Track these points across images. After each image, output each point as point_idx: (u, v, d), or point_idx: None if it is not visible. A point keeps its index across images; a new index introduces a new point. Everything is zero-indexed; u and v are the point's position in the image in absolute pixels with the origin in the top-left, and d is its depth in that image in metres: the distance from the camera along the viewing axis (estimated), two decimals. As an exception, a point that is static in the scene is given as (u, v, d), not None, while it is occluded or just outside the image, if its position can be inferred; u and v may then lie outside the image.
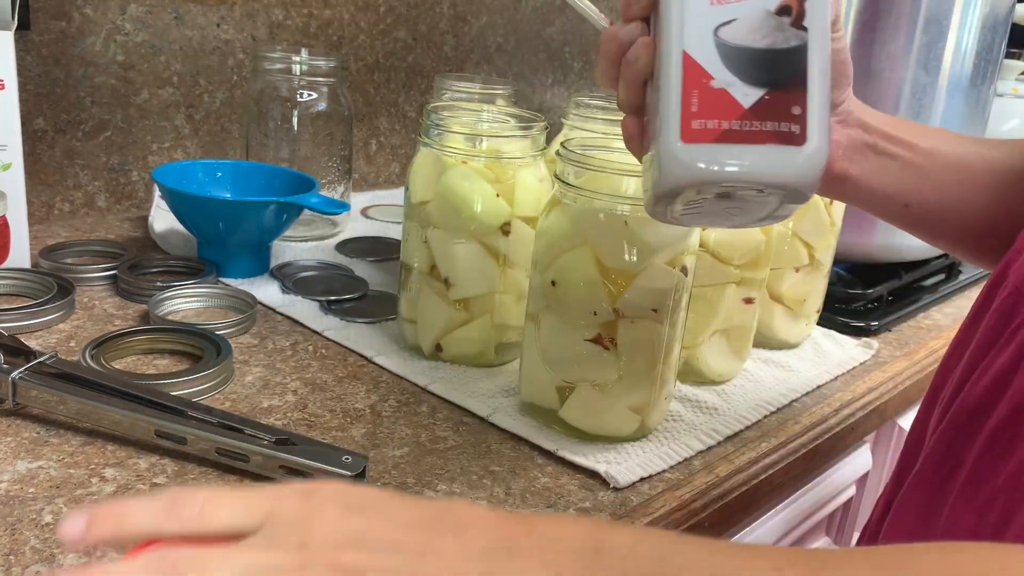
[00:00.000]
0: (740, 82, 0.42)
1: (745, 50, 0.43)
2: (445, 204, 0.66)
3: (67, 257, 0.83)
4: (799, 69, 0.42)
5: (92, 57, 0.95)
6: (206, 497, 0.34)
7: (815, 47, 0.42)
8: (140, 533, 0.35)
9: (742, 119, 0.42)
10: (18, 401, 0.56)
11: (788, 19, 0.42)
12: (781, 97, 0.42)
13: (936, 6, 0.92)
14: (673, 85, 0.43)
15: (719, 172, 0.43)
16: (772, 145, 0.42)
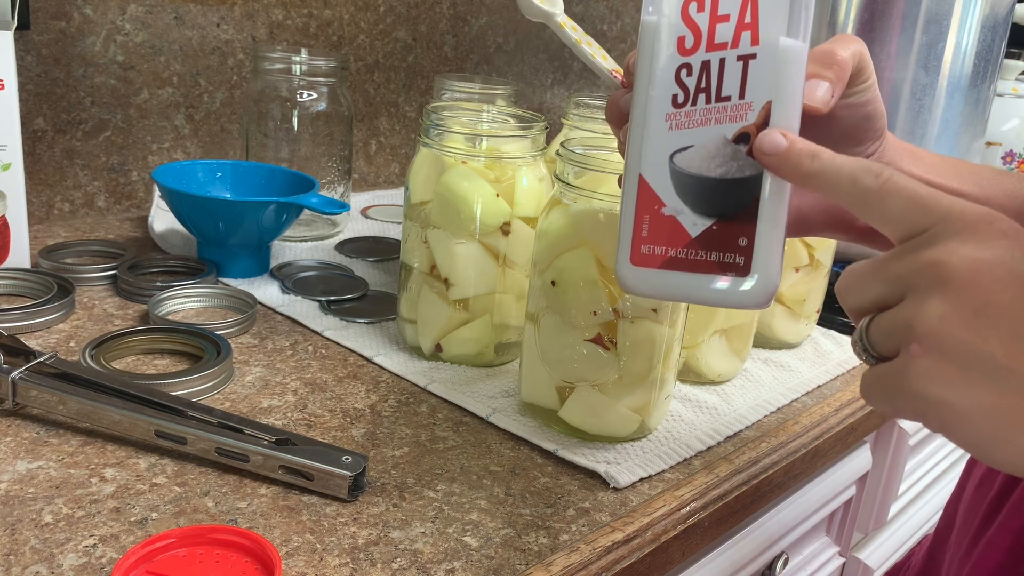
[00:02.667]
0: (689, 211, 0.42)
1: (697, 179, 0.42)
2: (445, 204, 0.66)
3: (67, 257, 0.83)
4: (751, 199, 0.41)
5: (92, 57, 0.95)
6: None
7: (773, 176, 0.40)
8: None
9: (688, 248, 0.42)
10: (18, 401, 0.56)
11: (745, 147, 0.40)
12: (729, 228, 0.41)
13: (936, 6, 0.92)
14: (627, 207, 0.44)
15: (662, 295, 0.44)
16: (714, 275, 0.42)
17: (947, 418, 0.33)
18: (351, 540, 0.48)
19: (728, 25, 0.39)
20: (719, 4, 0.39)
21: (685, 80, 0.40)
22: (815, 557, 0.86)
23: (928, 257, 0.34)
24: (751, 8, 0.39)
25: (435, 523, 0.50)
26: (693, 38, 0.40)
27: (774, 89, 0.39)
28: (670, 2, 0.40)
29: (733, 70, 0.39)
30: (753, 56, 0.39)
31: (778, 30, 0.39)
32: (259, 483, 0.52)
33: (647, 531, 0.53)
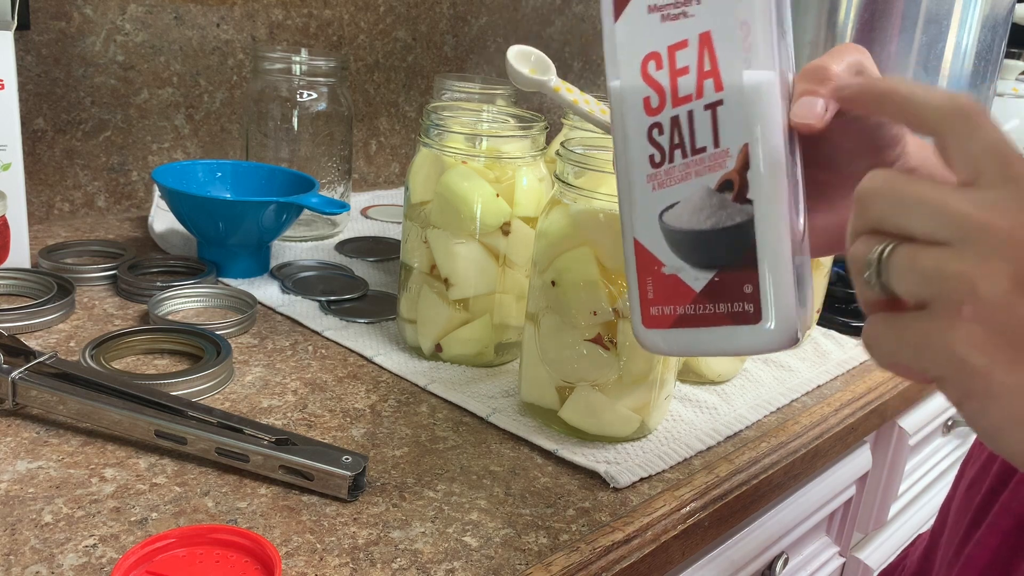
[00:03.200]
0: (689, 267, 0.41)
1: (689, 234, 0.41)
2: (445, 204, 0.66)
3: (67, 257, 0.83)
4: (748, 245, 0.40)
5: (92, 57, 0.95)
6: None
7: (765, 217, 0.39)
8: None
9: (695, 303, 0.42)
10: (18, 401, 0.56)
11: (731, 195, 0.40)
12: (732, 277, 0.40)
13: (936, 6, 0.92)
14: (630, 272, 0.43)
15: (685, 352, 0.43)
16: (728, 326, 0.41)
17: (977, 390, 0.31)
18: (351, 540, 0.48)
19: (689, 77, 0.38)
20: (676, 58, 0.38)
21: (658, 139, 0.39)
22: (815, 557, 0.86)
23: (997, 218, 0.31)
24: (708, 55, 0.38)
25: (435, 523, 0.50)
26: (657, 97, 0.39)
27: (747, 131, 0.38)
28: (628, 65, 0.39)
29: (703, 120, 0.39)
30: (720, 103, 0.38)
31: (739, 70, 0.38)
32: (259, 483, 0.52)
33: (647, 531, 0.53)
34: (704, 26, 0.38)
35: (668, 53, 0.38)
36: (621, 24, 0.39)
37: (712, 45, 0.38)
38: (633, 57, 0.39)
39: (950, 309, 0.31)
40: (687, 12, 0.38)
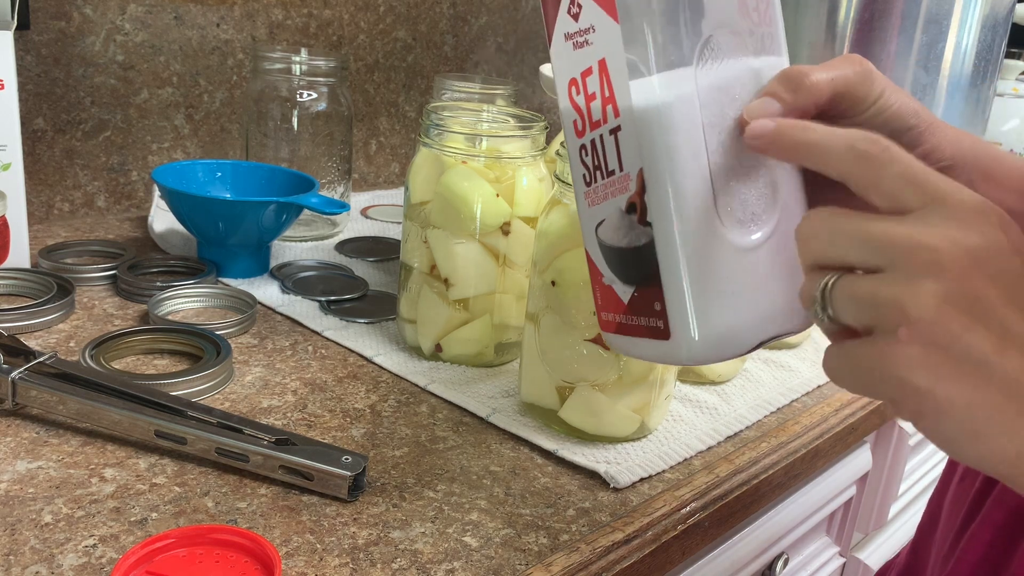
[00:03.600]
0: (618, 280, 0.43)
1: (611, 249, 0.43)
2: (445, 204, 0.66)
3: (67, 257, 0.83)
4: (652, 265, 0.41)
5: (92, 57, 0.95)
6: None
7: (663, 240, 0.40)
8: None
9: (625, 314, 0.43)
10: (18, 401, 0.56)
11: (635, 217, 0.40)
12: (645, 293, 0.42)
13: (936, 6, 0.92)
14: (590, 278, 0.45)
15: (631, 356, 0.45)
16: (648, 339, 0.42)
17: (926, 408, 0.32)
18: (351, 540, 0.48)
19: (597, 103, 0.39)
20: (587, 83, 0.39)
21: (585, 160, 0.41)
22: (815, 557, 0.86)
23: (922, 238, 0.32)
24: (606, 82, 0.39)
25: (435, 523, 0.50)
26: (581, 120, 0.40)
27: (641, 156, 0.39)
28: (561, 89, 0.40)
29: (610, 145, 0.39)
30: (619, 128, 0.39)
31: (628, 95, 0.38)
32: (259, 483, 0.52)
33: (647, 531, 0.53)
34: (600, 53, 0.38)
35: (581, 79, 0.39)
36: (552, 49, 0.40)
37: (607, 71, 0.38)
38: (562, 81, 0.40)
39: (889, 333, 0.32)
40: (588, 40, 0.39)
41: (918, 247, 0.32)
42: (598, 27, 0.38)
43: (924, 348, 0.32)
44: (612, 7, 0.37)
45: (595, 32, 0.38)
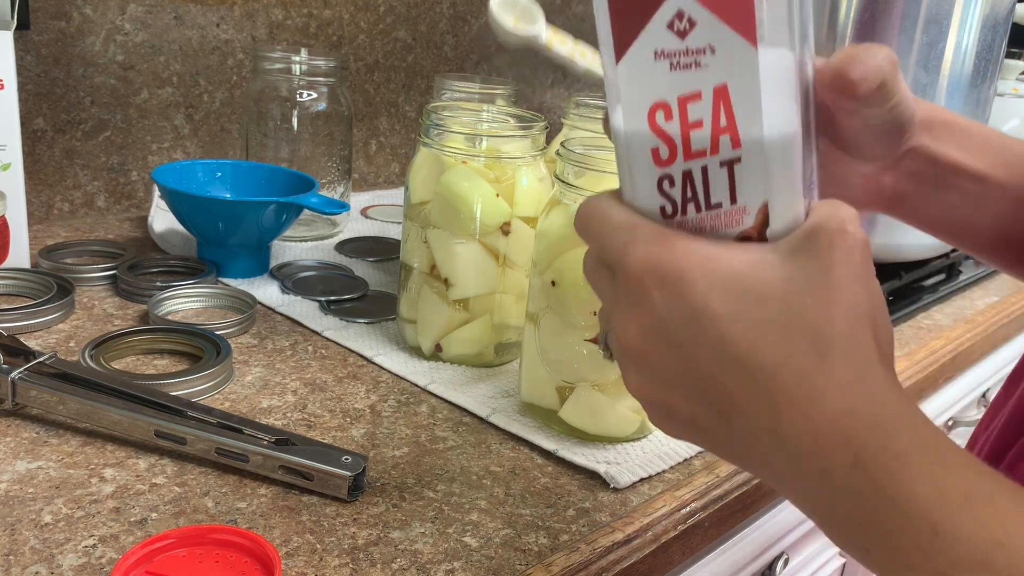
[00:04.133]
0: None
1: None
2: (445, 204, 0.66)
3: (67, 257, 0.83)
4: None
5: (92, 57, 0.95)
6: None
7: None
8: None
9: None
10: (18, 401, 0.56)
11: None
12: None
13: (936, 6, 0.91)
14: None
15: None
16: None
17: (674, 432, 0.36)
18: (351, 540, 0.48)
19: (702, 131, 0.35)
20: (688, 110, 0.35)
21: (669, 191, 0.36)
22: (815, 557, 0.86)
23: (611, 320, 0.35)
24: (724, 110, 0.34)
25: (435, 523, 0.50)
26: (667, 149, 0.35)
27: (767, 188, 0.35)
28: (633, 111, 0.35)
29: (718, 177, 0.35)
30: (737, 160, 0.35)
31: (759, 127, 0.34)
32: (259, 483, 0.52)
33: (647, 531, 0.53)
34: (719, 79, 0.34)
35: (679, 104, 0.35)
36: (623, 66, 0.35)
37: (729, 99, 0.34)
38: (639, 103, 0.35)
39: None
40: (699, 62, 0.34)
41: (615, 330, 0.35)
42: (721, 49, 0.34)
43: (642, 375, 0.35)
44: (751, 29, 0.33)
45: (714, 54, 0.34)
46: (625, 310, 0.34)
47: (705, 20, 0.33)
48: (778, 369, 0.31)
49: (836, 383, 0.30)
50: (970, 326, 0.95)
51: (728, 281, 0.32)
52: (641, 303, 0.33)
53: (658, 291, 0.33)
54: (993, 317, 1.00)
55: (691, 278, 0.32)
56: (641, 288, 0.33)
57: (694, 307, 0.32)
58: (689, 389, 0.33)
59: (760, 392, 0.31)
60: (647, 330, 0.33)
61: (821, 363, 0.30)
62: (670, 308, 0.33)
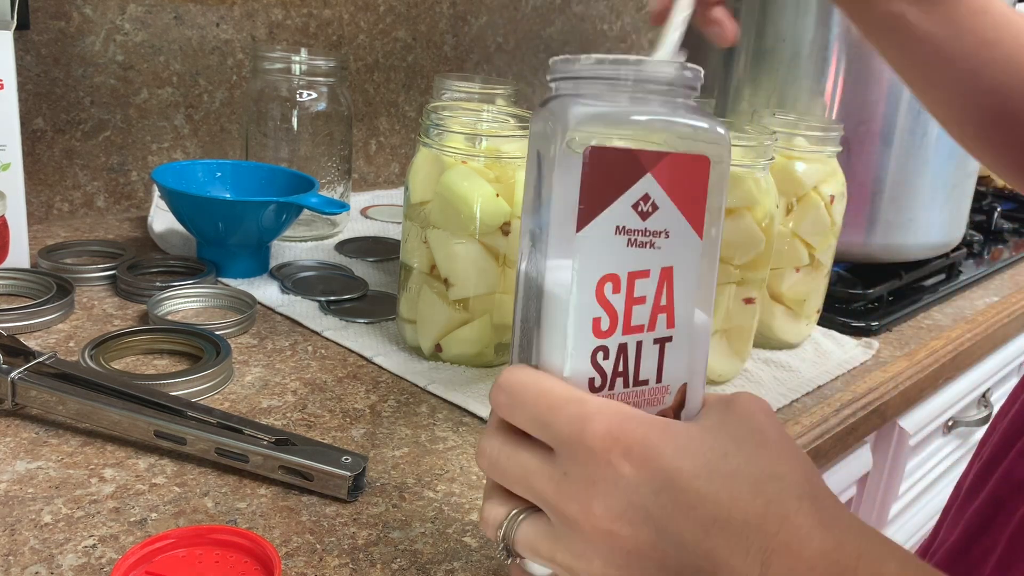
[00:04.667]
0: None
1: None
2: (445, 204, 0.66)
3: (66, 257, 0.83)
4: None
5: (91, 57, 0.94)
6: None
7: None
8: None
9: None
10: (17, 401, 0.56)
11: None
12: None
13: (936, 6, 0.91)
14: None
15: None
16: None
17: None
18: (351, 540, 0.48)
19: (644, 307, 0.37)
20: (635, 286, 0.36)
21: (602, 363, 0.37)
22: None
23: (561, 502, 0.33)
24: (667, 290, 0.37)
25: (435, 523, 0.50)
26: (609, 320, 0.36)
27: (689, 370, 0.38)
28: (585, 281, 0.36)
29: (650, 354, 0.37)
30: (669, 339, 0.37)
31: (691, 310, 0.37)
32: (259, 483, 0.52)
33: (647, 531, 0.53)
34: (668, 261, 0.36)
35: (628, 279, 0.36)
36: (584, 235, 0.35)
37: (672, 281, 0.37)
38: (592, 273, 0.36)
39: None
40: (654, 243, 0.36)
41: (564, 514, 0.33)
42: (674, 234, 0.36)
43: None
44: (700, 223, 0.36)
45: (668, 238, 0.36)
46: (584, 489, 0.32)
47: (665, 206, 0.36)
48: (764, 518, 0.31)
49: (816, 521, 0.31)
50: (970, 326, 0.95)
51: (692, 443, 0.32)
52: (606, 478, 0.32)
53: (626, 462, 0.32)
54: (993, 317, 1.00)
55: (657, 445, 0.32)
56: (606, 462, 0.32)
57: (667, 472, 0.31)
58: (667, 563, 0.32)
59: (749, 545, 0.30)
60: (615, 507, 0.32)
61: (799, 505, 0.31)
62: (640, 478, 0.32)
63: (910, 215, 0.98)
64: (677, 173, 0.36)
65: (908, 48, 0.54)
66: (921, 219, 0.99)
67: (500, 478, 0.36)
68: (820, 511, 0.31)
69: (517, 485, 0.35)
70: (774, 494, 0.31)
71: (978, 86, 0.53)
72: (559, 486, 0.33)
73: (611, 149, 0.35)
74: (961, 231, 1.08)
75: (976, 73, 0.53)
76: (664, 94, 0.37)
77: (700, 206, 0.36)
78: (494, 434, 0.36)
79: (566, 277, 0.36)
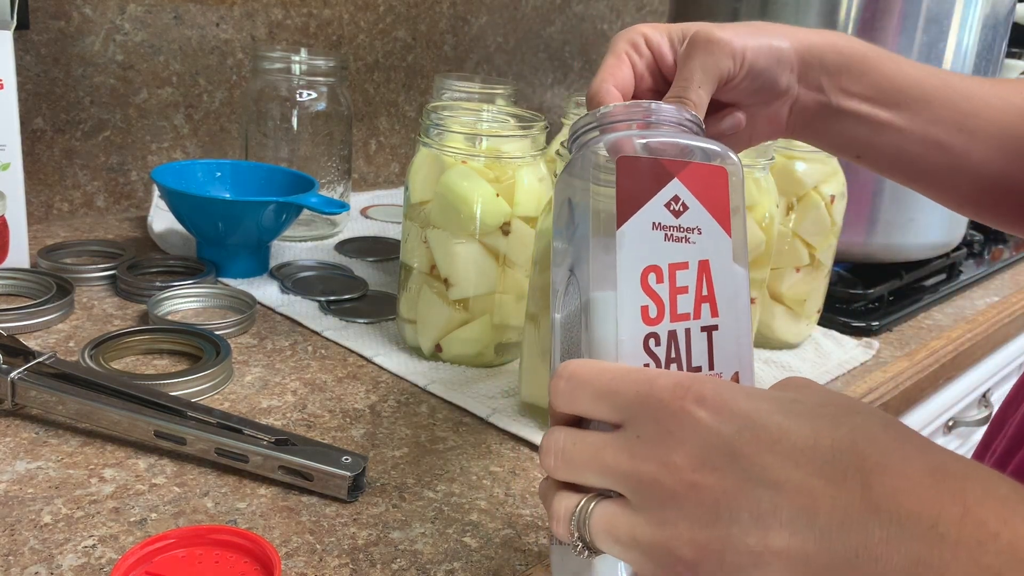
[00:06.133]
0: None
1: None
2: (445, 204, 0.66)
3: (66, 257, 0.83)
4: None
5: (91, 57, 0.94)
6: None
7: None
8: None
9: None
10: (17, 401, 0.56)
11: None
12: None
13: (936, 6, 0.91)
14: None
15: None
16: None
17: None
18: (351, 541, 0.48)
19: (687, 296, 0.39)
20: (676, 276, 0.38)
21: (654, 349, 0.38)
22: None
23: (643, 468, 0.32)
24: (706, 281, 0.39)
25: (435, 524, 0.50)
26: (656, 308, 0.38)
27: (739, 360, 0.39)
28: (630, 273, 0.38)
29: (699, 341, 0.39)
30: (715, 327, 0.39)
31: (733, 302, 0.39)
32: (258, 483, 0.52)
33: (647, 532, 0.52)
34: (703, 255, 0.39)
35: (669, 269, 0.38)
36: (625, 231, 0.38)
37: (710, 273, 0.39)
38: (634, 264, 0.38)
39: (667, 568, 0.32)
40: (688, 238, 0.39)
41: (641, 478, 0.32)
42: (706, 231, 0.39)
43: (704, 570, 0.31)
44: (727, 222, 0.39)
45: (700, 234, 0.39)
46: (660, 443, 0.31)
47: (695, 207, 0.39)
48: (853, 442, 0.29)
49: (915, 445, 0.29)
50: (970, 326, 0.95)
51: (763, 392, 0.32)
52: (683, 426, 0.31)
53: (700, 408, 0.31)
54: (993, 317, 1.00)
55: (730, 392, 0.32)
56: (680, 409, 0.31)
57: (745, 411, 0.31)
58: (760, 506, 0.30)
59: (846, 468, 0.29)
60: (697, 453, 0.31)
61: (886, 432, 0.30)
62: (718, 420, 0.31)
63: (910, 215, 0.98)
64: (700, 179, 0.39)
65: (882, 162, 0.56)
66: (921, 219, 0.99)
67: (568, 467, 0.34)
68: (911, 437, 0.30)
69: (588, 467, 0.34)
70: (858, 424, 0.30)
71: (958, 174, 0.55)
72: (633, 449, 0.32)
73: (640, 158, 0.38)
74: (961, 231, 1.08)
75: (953, 163, 0.54)
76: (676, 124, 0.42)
77: (725, 208, 0.39)
78: (555, 429, 0.35)
79: (612, 274, 0.38)
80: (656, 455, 0.31)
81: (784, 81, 0.52)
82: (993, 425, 0.58)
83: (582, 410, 0.35)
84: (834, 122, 0.54)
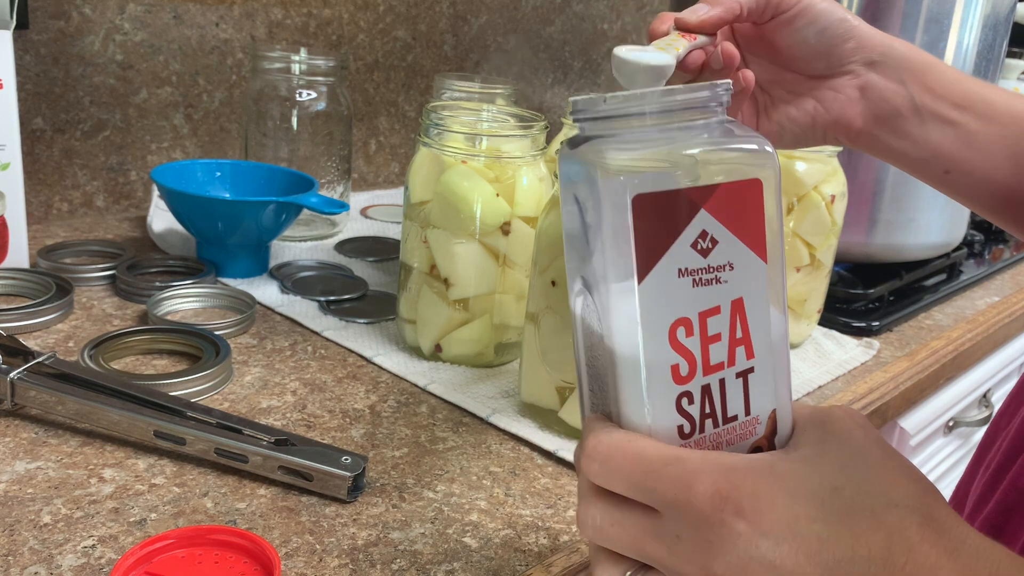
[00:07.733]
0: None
1: None
2: (445, 204, 0.66)
3: (66, 257, 0.83)
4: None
5: (91, 56, 0.94)
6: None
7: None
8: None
9: None
10: (16, 401, 0.56)
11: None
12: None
13: (937, 6, 0.91)
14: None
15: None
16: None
17: None
18: (351, 541, 0.48)
19: (720, 344, 0.35)
20: (707, 325, 0.35)
21: (688, 409, 0.35)
22: None
23: (680, 568, 0.32)
24: (740, 322, 0.36)
25: (435, 524, 0.50)
26: (687, 365, 0.35)
27: (776, 395, 0.37)
28: (656, 332, 0.34)
29: (734, 389, 0.36)
30: (751, 370, 0.36)
31: (767, 334, 0.36)
32: (258, 484, 0.52)
33: (648, 532, 0.52)
34: (736, 293, 0.35)
35: (699, 319, 0.35)
36: (646, 286, 0.34)
37: (744, 312, 0.36)
38: (661, 322, 0.34)
39: None
40: (719, 278, 0.35)
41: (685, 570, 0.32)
42: (739, 265, 0.35)
43: None
44: (762, 247, 0.35)
45: (732, 270, 0.35)
46: (700, 551, 0.31)
47: (725, 239, 0.34)
48: (888, 551, 0.30)
49: (942, 549, 0.30)
50: (971, 326, 0.95)
51: (802, 484, 0.31)
52: (722, 538, 0.31)
53: (740, 520, 0.31)
54: (994, 317, 1.00)
55: (768, 495, 0.31)
56: (719, 522, 0.31)
57: (785, 522, 0.31)
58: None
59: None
60: (737, 564, 0.31)
61: (922, 533, 0.30)
62: (758, 533, 0.31)
63: (911, 215, 0.98)
64: (731, 203, 0.34)
65: (974, 176, 0.52)
66: (922, 219, 0.99)
67: (609, 545, 0.34)
68: (944, 536, 0.30)
69: (628, 551, 0.34)
70: (895, 524, 0.30)
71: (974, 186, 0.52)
72: (673, 549, 0.32)
73: (659, 194, 0.33)
74: (962, 231, 1.07)
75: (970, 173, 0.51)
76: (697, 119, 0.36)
77: (760, 229, 0.35)
78: (592, 501, 0.34)
79: (634, 332, 0.34)
80: (696, 560, 0.31)
81: (849, 47, 0.47)
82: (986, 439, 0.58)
83: (618, 491, 0.34)
84: (917, 124, 0.49)
